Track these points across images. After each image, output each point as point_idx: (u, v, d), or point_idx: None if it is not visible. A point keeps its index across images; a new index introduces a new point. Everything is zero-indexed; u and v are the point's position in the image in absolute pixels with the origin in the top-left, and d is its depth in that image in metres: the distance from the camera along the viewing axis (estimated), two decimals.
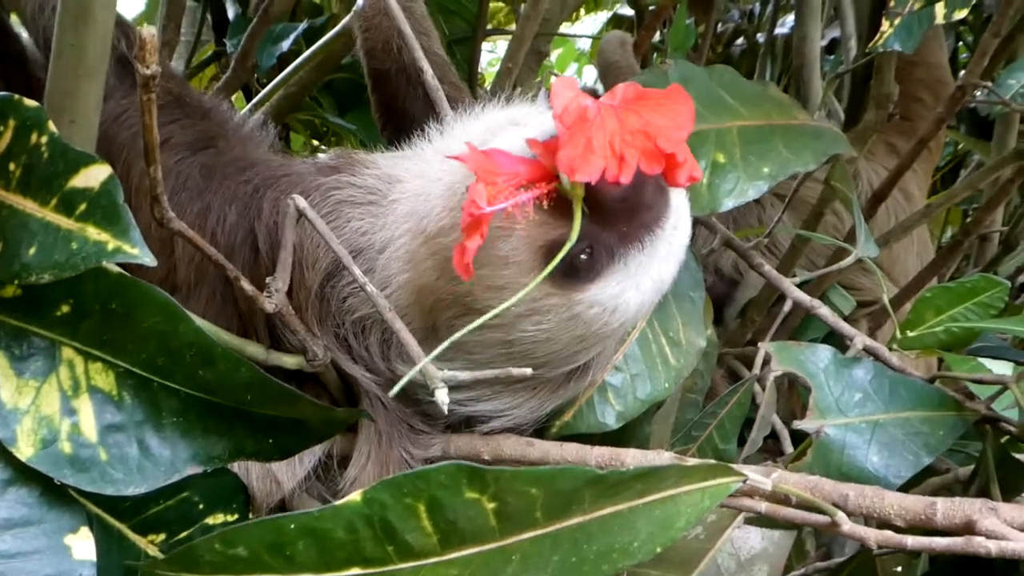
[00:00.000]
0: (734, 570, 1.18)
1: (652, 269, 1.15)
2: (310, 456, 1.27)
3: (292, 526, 0.78)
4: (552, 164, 1.00)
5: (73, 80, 1.10)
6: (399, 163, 1.36)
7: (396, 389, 0.97)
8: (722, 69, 1.53)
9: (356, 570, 0.79)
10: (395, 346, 1.24)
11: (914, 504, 1.00)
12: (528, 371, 1.05)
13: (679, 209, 1.17)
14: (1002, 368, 1.45)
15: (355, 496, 0.79)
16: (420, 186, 1.26)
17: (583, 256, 1.11)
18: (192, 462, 0.98)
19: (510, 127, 1.23)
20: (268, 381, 0.98)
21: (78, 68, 1.10)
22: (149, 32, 0.89)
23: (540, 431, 1.30)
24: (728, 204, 1.40)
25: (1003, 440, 1.28)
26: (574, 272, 1.12)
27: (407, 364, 1.18)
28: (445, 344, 0.98)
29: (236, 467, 1.22)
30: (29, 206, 0.90)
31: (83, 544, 0.92)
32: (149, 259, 0.89)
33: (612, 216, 1.09)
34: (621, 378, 1.32)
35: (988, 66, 2.08)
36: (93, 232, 0.89)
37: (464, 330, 0.99)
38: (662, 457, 1.12)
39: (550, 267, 1.01)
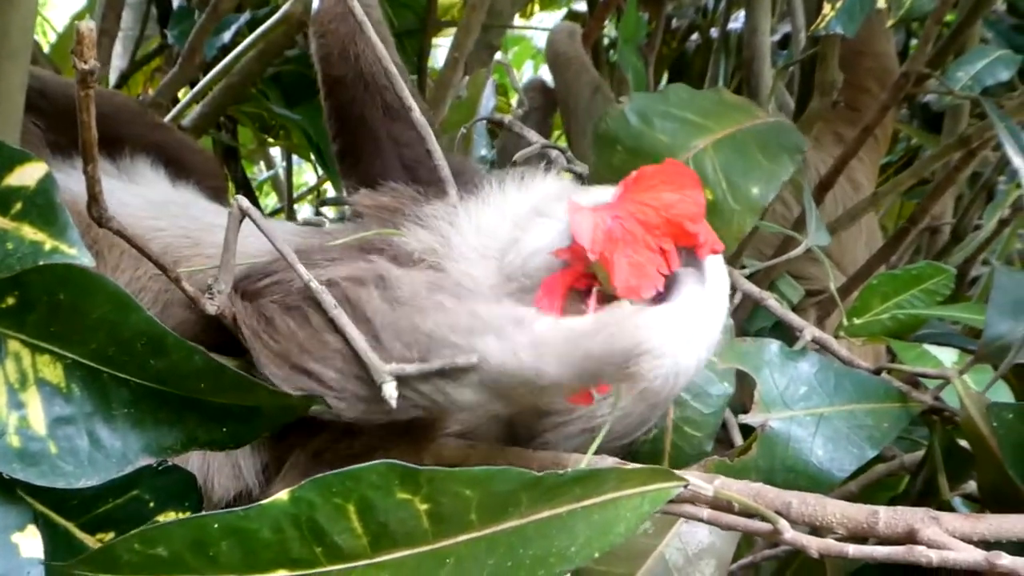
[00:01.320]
0: (682, 565, 1.17)
1: (704, 328, 1.12)
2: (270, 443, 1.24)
3: (216, 525, 0.74)
4: (583, 264, 1.02)
5: None
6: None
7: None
8: (675, 88, 1.52)
9: (283, 572, 0.76)
10: None
11: (856, 513, 0.99)
12: (474, 359, 1.02)
13: (714, 264, 1.15)
14: (949, 355, 1.46)
15: (282, 495, 0.75)
16: None
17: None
18: (144, 453, 0.95)
19: (536, 219, 1.20)
20: (222, 369, 0.96)
21: (0, 49, 1.06)
22: (87, 26, 0.86)
23: None
24: (734, 245, 1.40)
25: (948, 428, 1.28)
26: None
27: None
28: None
29: (196, 460, 1.20)
30: None
31: (31, 542, 0.89)
32: (87, 259, 0.87)
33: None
34: None
35: (939, 60, 2.10)
36: (29, 232, 0.86)
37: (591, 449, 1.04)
38: (605, 461, 1.10)
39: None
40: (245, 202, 1.15)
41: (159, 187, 1.65)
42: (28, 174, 0.87)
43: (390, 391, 1.03)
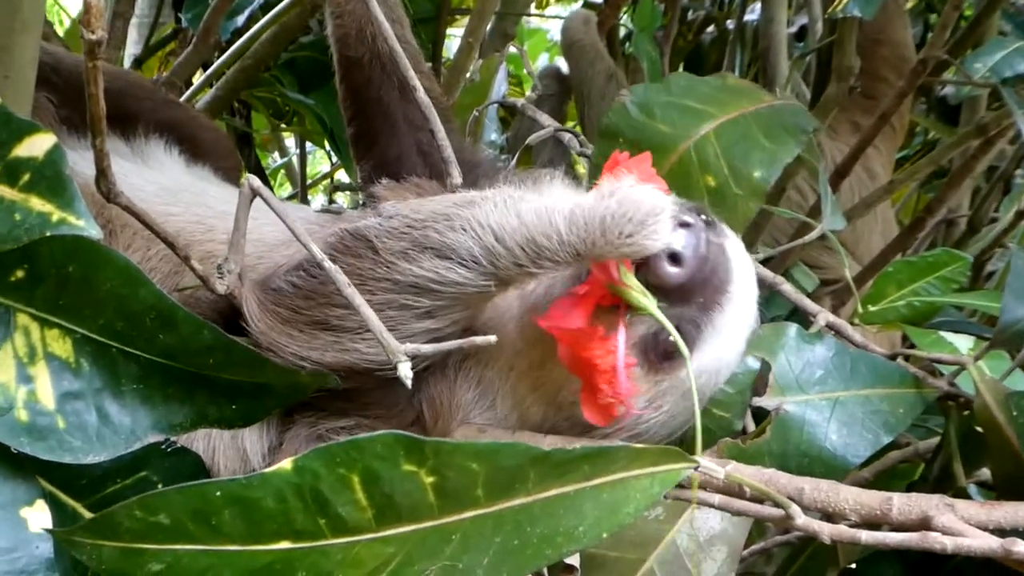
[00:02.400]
0: (693, 551, 1.15)
1: (739, 321, 1.18)
2: (277, 425, 1.25)
3: (218, 493, 0.73)
4: (603, 275, 1.06)
5: (7, 35, 1.07)
6: None
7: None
8: (676, 77, 1.51)
9: (286, 544, 0.75)
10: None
11: (869, 499, 0.97)
12: (492, 338, 1.02)
13: (737, 249, 1.20)
14: (964, 342, 1.44)
15: (285, 464, 0.74)
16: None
17: (672, 338, 1.10)
18: (153, 430, 0.95)
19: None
20: (232, 344, 0.96)
21: (13, 22, 1.07)
22: None
23: None
24: (741, 230, 1.39)
25: (965, 414, 1.26)
26: (671, 354, 1.14)
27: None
28: None
29: (201, 442, 1.21)
30: None
31: (39, 516, 0.89)
32: (95, 231, 0.86)
33: (684, 294, 1.11)
34: None
35: (957, 51, 2.08)
36: (37, 203, 0.85)
37: None
38: (614, 441, 1.09)
39: None
40: (256, 181, 1.14)
41: (173, 172, 1.64)
42: (37, 145, 0.86)
43: (405, 370, 1.02)
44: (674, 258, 1.07)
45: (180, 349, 0.94)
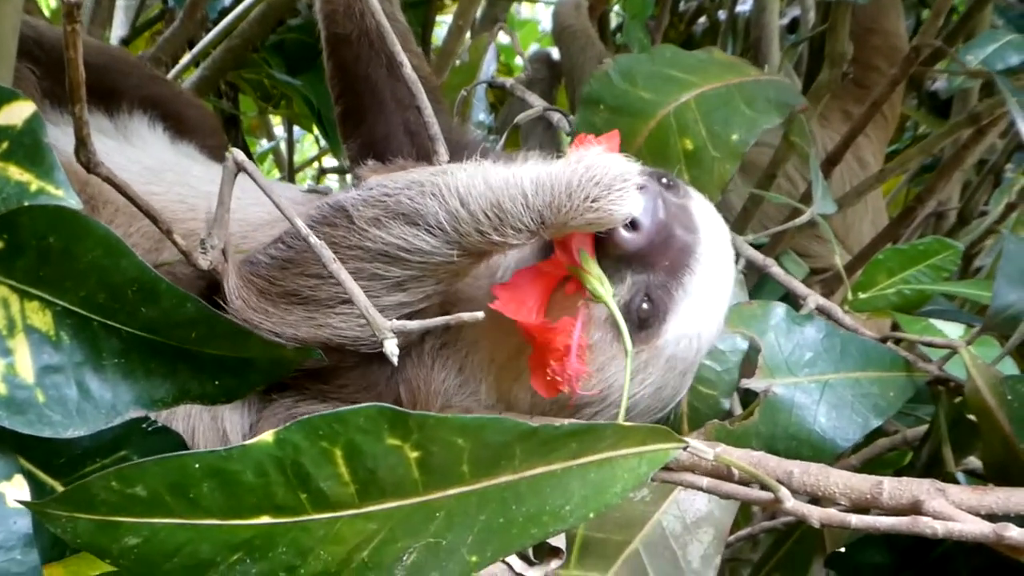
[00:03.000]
0: (680, 532, 1.15)
1: (713, 279, 1.16)
2: (257, 405, 1.23)
3: (196, 465, 0.71)
4: (566, 251, 1.07)
5: None
6: None
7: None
8: (662, 48, 1.51)
9: (266, 518, 0.73)
10: None
11: (859, 483, 0.97)
12: (480, 315, 1.00)
13: (703, 209, 1.18)
14: (954, 330, 1.44)
15: (266, 436, 0.72)
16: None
17: (644, 305, 1.12)
18: (134, 405, 0.93)
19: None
20: (216, 317, 0.94)
21: None
22: None
23: None
24: (717, 194, 1.38)
25: (956, 401, 1.25)
26: (645, 323, 1.12)
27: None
28: None
29: (181, 422, 1.20)
30: None
31: (17, 491, 0.87)
32: (74, 201, 0.84)
33: (646, 259, 1.10)
34: None
35: (949, 44, 2.08)
36: (15, 172, 0.84)
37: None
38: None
39: None
40: (241, 155, 1.12)
41: (156, 150, 1.62)
42: (15, 113, 0.84)
43: (392, 347, 1.01)
44: (631, 224, 1.05)
45: (162, 322, 0.92)
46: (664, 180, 1.14)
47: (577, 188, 1.01)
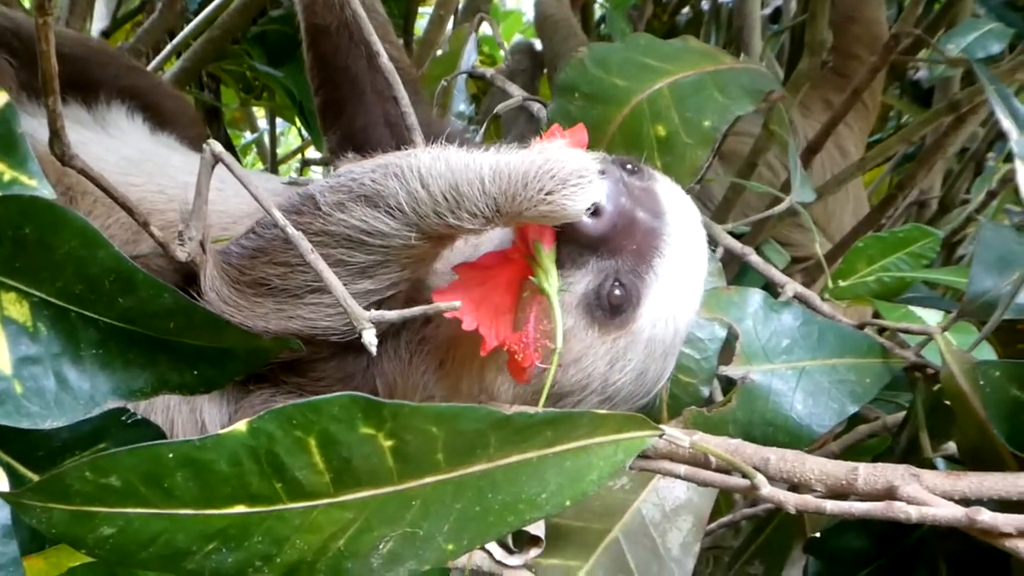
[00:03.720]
0: (659, 520, 1.15)
1: (684, 259, 1.15)
2: (235, 397, 1.23)
3: (170, 455, 0.71)
4: (523, 239, 1.07)
5: None
6: None
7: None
8: (637, 36, 1.51)
9: (241, 508, 0.73)
10: None
11: (835, 469, 0.97)
12: (456, 303, 1.02)
13: (668, 192, 1.17)
14: (934, 317, 1.44)
15: (240, 425, 0.72)
16: None
17: (616, 292, 1.11)
18: (113, 396, 0.93)
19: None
20: (193, 307, 0.94)
21: None
22: None
23: None
24: (689, 180, 1.38)
25: (935, 389, 1.26)
26: (619, 309, 1.12)
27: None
28: None
29: (160, 415, 1.20)
30: None
31: None
32: (47, 191, 0.83)
33: (612, 245, 1.09)
34: None
35: (930, 32, 2.09)
36: None
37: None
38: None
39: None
40: (218, 147, 1.12)
41: (135, 140, 1.61)
42: None
43: (370, 337, 1.00)
44: (594, 211, 1.05)
45: (140, 313, 0.91)
46: (628, 166, 1.13)
47: (533, 179, 1.01)
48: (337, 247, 1.10)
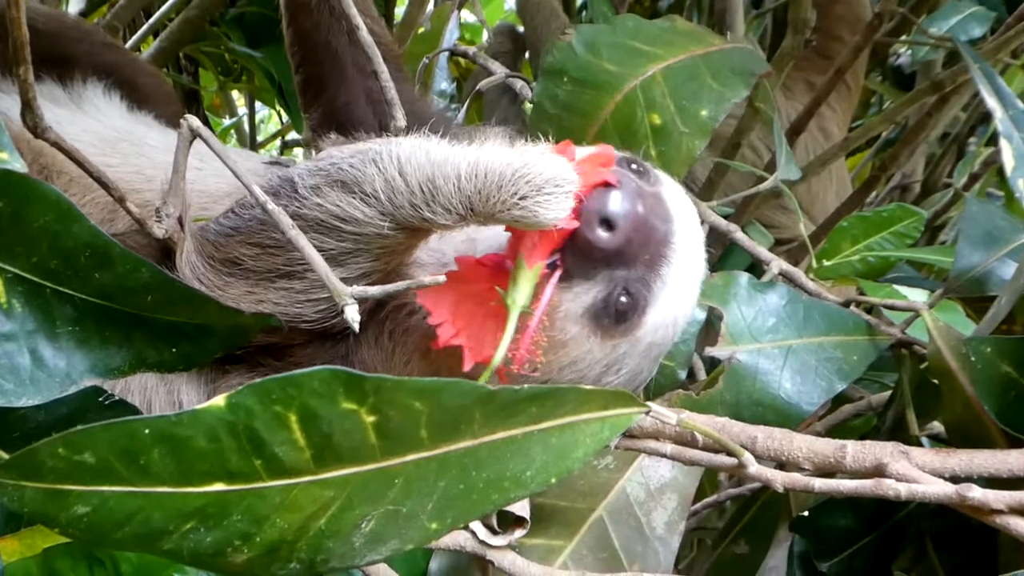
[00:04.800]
0: (644, 499, 1.14)
1: (688, 267, 1.14)
2: (213, 379, 1.21)
3: (146, 431, 0.68)
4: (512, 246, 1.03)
5: None
6: None
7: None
8: (623, 19, 1.49)
9: (220, 485, 0.70)
10: None
11: (823, 447, 0.97)
12: (441, 279, 1.01)
13: (674, 195, 1.16)
14: (919, 297, 1.44)
15: (218, 400, 0.69)
16: None
17: (623, 299, 1.10)
18: (90, 373, 0.91)
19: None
20: (171, 282, 0.91)
21: None
22: None
23: None
24: (684, 171, 1.36)
25: (922, 367, 1.26)
26: (624, 316, 1.11)
27: None
28: None
29: (137, 396, 1.18)
30: None
31: None
32: (19, 165, 0.81)
33: (625, 257, 1.08)
34: None
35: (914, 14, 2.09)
36: None
37: None
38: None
39: None
40: (195, 121, 1.10)
41: (111, 118, 1.59)
42: None
43: (352, 313, 0.98)
44: (607, 223, 1.02)
45: (117, 288, 0.89)
46: (635, 166, 1.12)
47: (508, 182, 0.98)
48: (309, 232, 1.07)
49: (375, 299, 1.09)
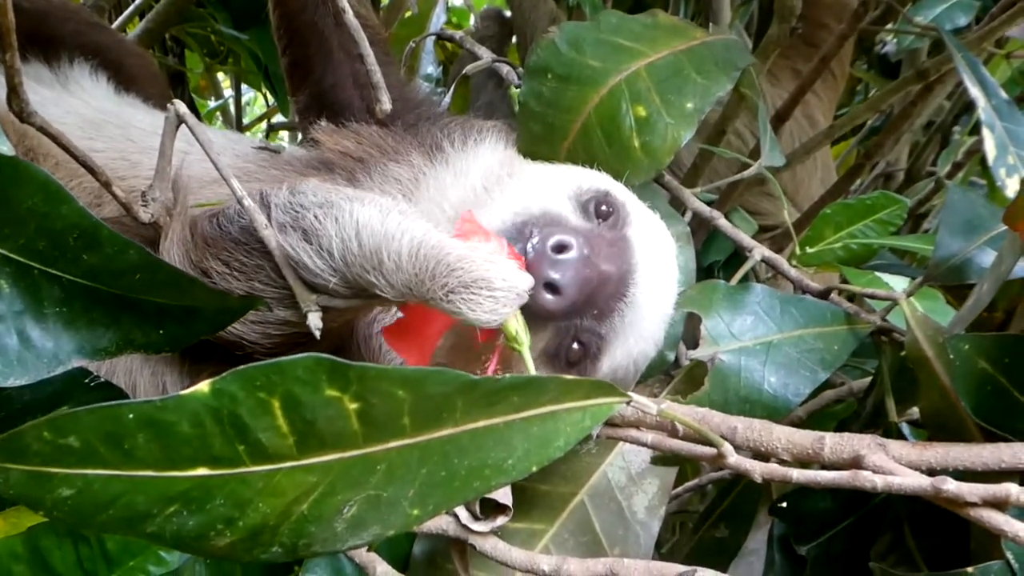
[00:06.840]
0: (625, 484, 1.15)
1: (648, 308, 1.17)
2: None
3: (131, 415, 0.69)
4: None
5: None
6: None
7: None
8: (607, 15, 1.47)
9: (203, 470, 0.71)
10: None
11: (802, 438, 0.98)
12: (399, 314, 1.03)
13: (642, 234, 1.19)
14: (901, 284, 1.45)
15: (203, 386, 0.70)
16: None
17: (575, 347, 1.13)
18: (77, 354, 0.91)
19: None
20: (158, 263, 0.91)
21: None
22: None
23: None
24: (668, 159, 1.37)
25: (902, 354, 1.27)
26: (579, 362, 1.14)
27: None
28: None
29: (122, 379, 1.19)
30: None
31: None
32: (5, 147, 0.83)
33: (572, 313, 1.10)
34: None
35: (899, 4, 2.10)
36: None
37: None
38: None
39: None
40: (182, 107, 1.10)
41: (97, 100, 1.59)
42: None
43: (315, 321, 1.01)
44: (551, 287, 1.05)
45: (104, 269, 0.90)
46: (604, 208, 1.12)
47: (441, 274, 0.97)
48: (269, 268, 1.08)
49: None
